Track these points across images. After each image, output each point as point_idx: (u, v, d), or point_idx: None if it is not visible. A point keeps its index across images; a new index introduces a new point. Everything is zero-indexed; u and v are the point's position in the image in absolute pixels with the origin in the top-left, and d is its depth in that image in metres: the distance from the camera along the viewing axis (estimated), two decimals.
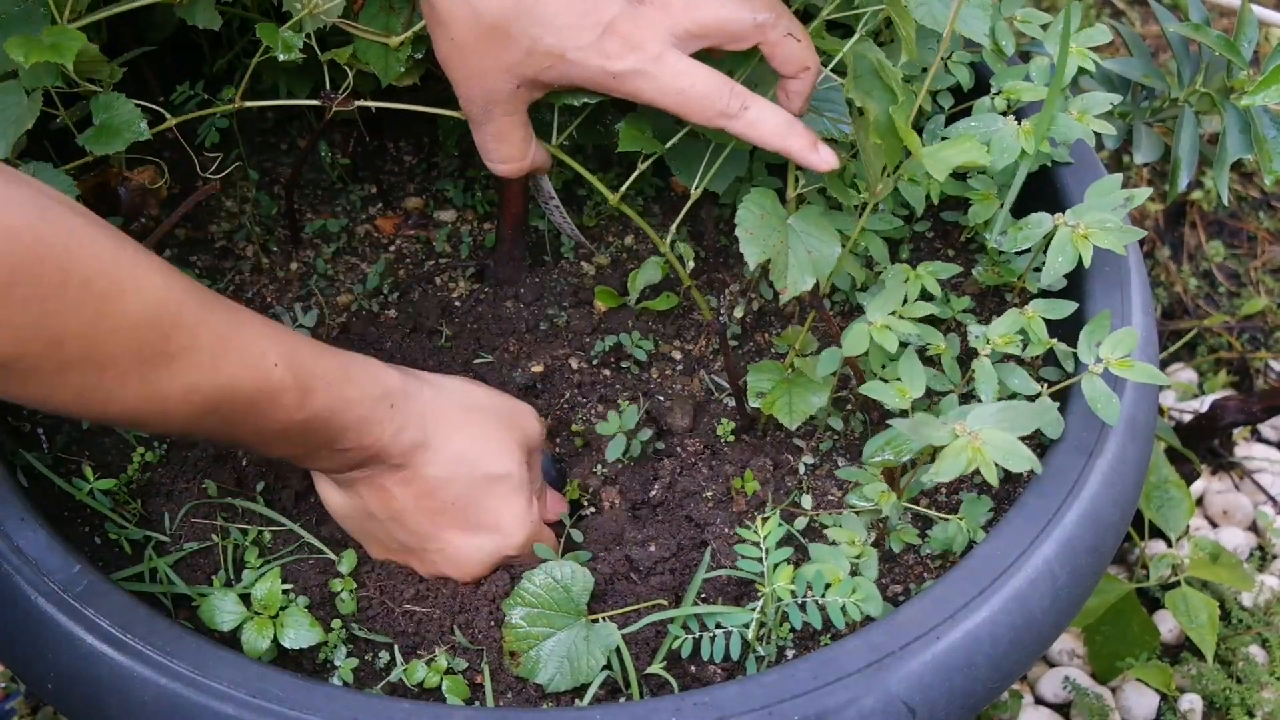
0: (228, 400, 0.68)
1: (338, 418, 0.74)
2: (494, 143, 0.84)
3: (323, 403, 0.73)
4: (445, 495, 0.80)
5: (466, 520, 0.82)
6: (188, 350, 0.65)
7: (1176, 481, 1.13)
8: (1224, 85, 0.97)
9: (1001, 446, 0.70)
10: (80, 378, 0.62)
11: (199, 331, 0.66)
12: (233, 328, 0.69)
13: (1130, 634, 1.09)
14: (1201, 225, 1.53)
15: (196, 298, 0.67)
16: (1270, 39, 1.04)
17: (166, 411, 0.66)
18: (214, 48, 1.04)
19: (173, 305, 0.65)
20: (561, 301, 1.01)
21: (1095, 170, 0.95)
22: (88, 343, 0.61)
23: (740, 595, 0.83)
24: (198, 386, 0.66)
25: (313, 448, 0.76)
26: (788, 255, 0.82)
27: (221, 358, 0.67)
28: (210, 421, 0.69)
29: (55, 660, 0.73)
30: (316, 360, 0.73)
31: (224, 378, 0.67)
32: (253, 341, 0.69)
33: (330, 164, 1.10)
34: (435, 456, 0.79)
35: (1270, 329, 1.44)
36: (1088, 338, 0.80)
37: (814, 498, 0.89)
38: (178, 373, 0.65)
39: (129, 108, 0.82)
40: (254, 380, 0.69)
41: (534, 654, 0.79)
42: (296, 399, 0.71)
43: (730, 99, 0.79)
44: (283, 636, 0.79)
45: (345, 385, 0.75)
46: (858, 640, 0.72)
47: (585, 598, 0.80)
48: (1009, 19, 0.95)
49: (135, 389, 0.64)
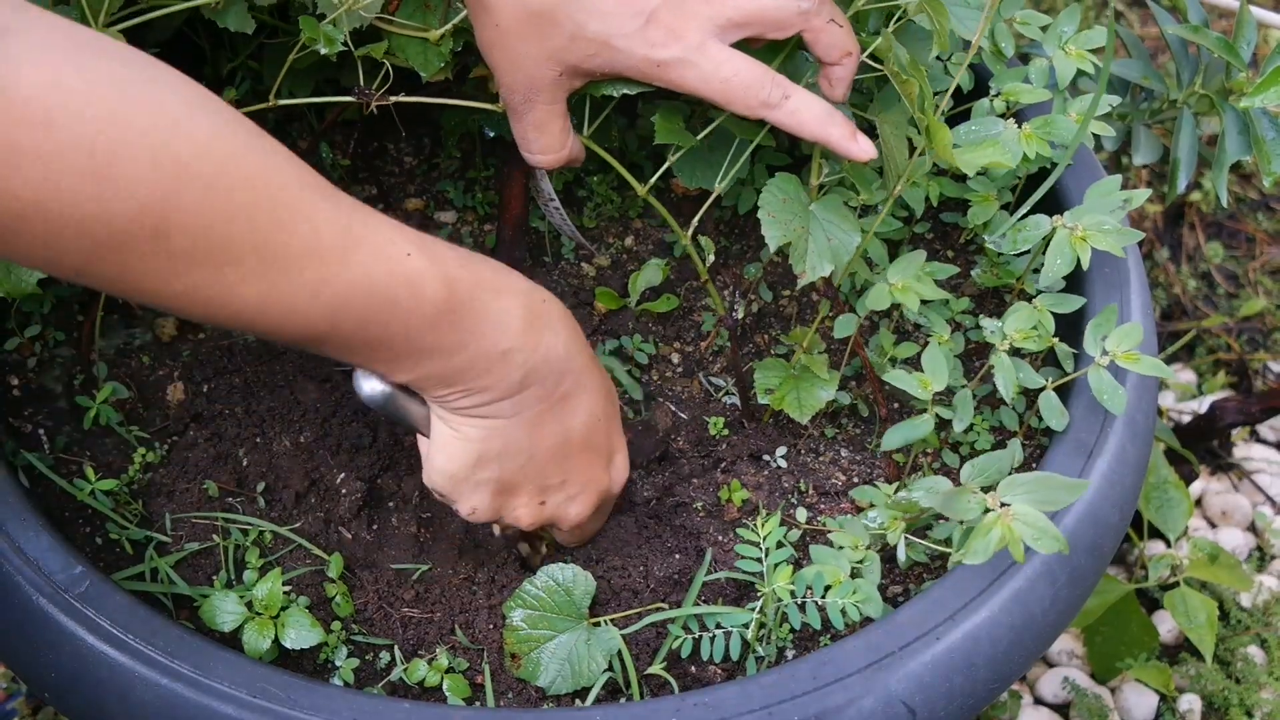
0: (361, 295, 0.63)
1: (489, 310, 0.69)
2: (534, 133, 0.83)
3: (470, 287, 0.68)
4: (591, 423, 0.77)
5: (600, 452, 0.80)
6: (310, 242, 0.61)
7: (1175, 482, 1.14)
8: (1223, 87, 0.98)
9: (1034, 526, 0.69)
10: (192, 271, 0.58)
11: (319, 220, 0.61)
12: (353, 216, 0.64)
13: (1129, 634, 1.09)
14: (1200, 227, 1.53)
15: (311, 180, 0.62)
16: (1269, 40, 1.04)
17: (292, 311, 0.61)
18: (215, 50, 1.04)
19: (287, 189, 0.60)
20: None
21: (1095, 172, 0.95)
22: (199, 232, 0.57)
23: (740, 597, 0.84)
24: (326, 281, 0.62)
25: (470, 353, 0.69)
26: (808, 240, 0.81)
27: (346, 248, 0.62)
28: (345, 322, 0.63)
29: (56, 660, 0.73)
30: (451, 249, 0.69)
31: (354, 271, 0.63)
32: (378, 230, 0.65)
33: (331, 165, 1.10)
34: (582, 379, 0.76)
35: (1269, 330, 1.44)
36: (1094, 331, 0.80)
37: (815, 493, 0.89)
38: (302, 267, 0.61)
39: None
40: (389, 270, 0.64)
41: (535, 656, 0.79)
42: (440, 288, 0.66)
43: (772, 89, 0.79)
44: (284, 637, 0.79)
45: (487, 269, 0.71)
46: (858, 641, 0.73)
47: (587, 601, 0.80)
48: (1008, 21, 0.96)
49: (255, 285, 0.60)
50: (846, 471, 0.91)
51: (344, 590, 0.84)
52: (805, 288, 1.02)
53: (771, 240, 0.80)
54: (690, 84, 0.78)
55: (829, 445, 0.93)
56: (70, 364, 0.95)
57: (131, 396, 0.93)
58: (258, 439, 0.92)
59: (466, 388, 0.71)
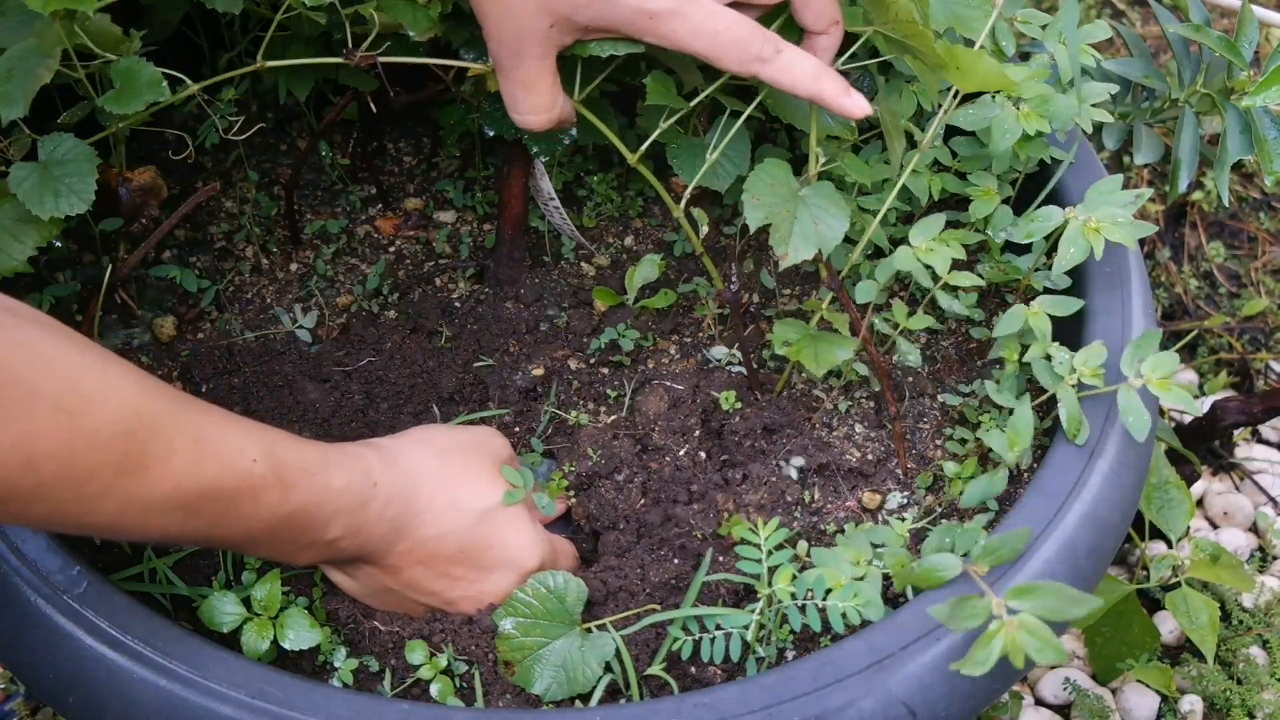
0: (210, 501, 0.67)
1: (323, 507, 0.73)
2: (522, 91, 0.82)
3: (305, 494, 0.72)
4: (450, 549, 0.80)
5: (479, 563, 0.81)
6: (165, 455, 0.64)
7: (1177, 483, 1.13)
8: (1224, 86, 0.97)
9: (1038, 638, 0.68)
10: (57, 494, 0.61)
11: (175, 435, 0.65)
12: (208, 428, 0.67)
13: (1131, 635, 1.09)
14: (1202, 226, 1.52)
15: (168, 400, 0.66)
16: (1270, 40, 1.03)
17: (147, 519, 0.65)
18: (214, 48, 1.04)
19: (146, 412, 0.64)
20: (561, 302, 1.01)
21: (1096, 171, 0.95)
22: (64, 461, 0.60)
23: (740, 598, 0.83)
24: (178, 490, 0.65)
25: (303, 544, 0.74)
26: (793, 223, 0.81)
27: (200, 459, 0.66)
28: (194, 525, 0.67)
29: (55, 661, 0.72)
30: (296, 452, 0.72)
31: (204, 479, 0.66)
32: (229, 439, 0.68)
33: (330, 165, 1.10)
34: (427, 517, 0.79)
35: (1271, 330, 1.43)
36: (1133, 353, 0.80)
37: (827, 481, 0.89)
38: (157, 479, 0.64)
39: (150, 70, 0.81)
40: (234, 479, 0.67)
41: (528, 664, 0.78)
42: (279, 494, 0.70)
43: (764, 43, 0.78)
44: (283, 638, 0.79)
45: (326, 473, 0.73)
46: (858, 641, 0.72)
47: (579, 607, 0.80)
48: (1009, 19, 0.95)
49: (115, 500, 0.63)
50: (861, 448, 0.91)
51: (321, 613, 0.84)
52: (808, 279, 1.02)
53: (752, 221, 0.80)
54: (681, 37, 0.78)
55: (843, 420, 0.92)
56: None
57: None
58: None
59: (309, 561, 0.77)
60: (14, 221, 0.82)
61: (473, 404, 0.96)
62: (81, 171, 0.80)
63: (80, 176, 0.80)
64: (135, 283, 1.00)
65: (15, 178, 0.79)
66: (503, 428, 0.94)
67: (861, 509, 0.88)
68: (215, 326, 1.00)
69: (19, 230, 0.82)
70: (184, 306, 1.01)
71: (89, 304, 0.93)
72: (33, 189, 0.79)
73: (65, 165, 0.80)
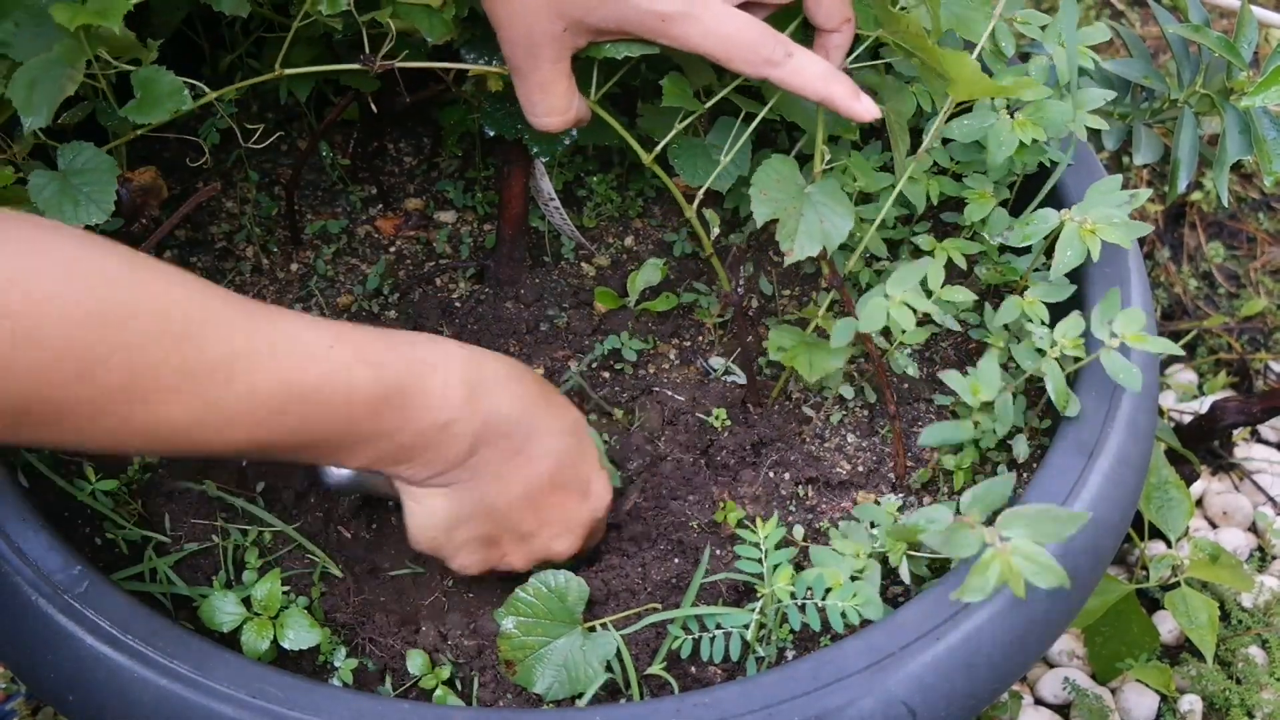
0: (294, 395, 0.65)
1: (421, 386, 0.71)
2: (538, 94, 0.82)
3: (398, 369, 0.69)
4: (554, 464, 0.78)
5: (572, 488, 0.80)
6: (231, 354, 0.63)
7: (1176, 482, 1.13)
8: (1224, 86, 0.97)
9: (1033, 561, 0.68)
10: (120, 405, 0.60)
11: (236, 332, 0.63)
12: (271, 322, 0.66)
13: (1130, 635, 1.09)
14: (1201, 226, 1.53)
15: (223, 298, 0.64)
16: (1270, 40, 1.04)
17: (228, 424, 0.63)
18: (215, 50, 1.04)
19: (199, 311, 0.62)
20: (561, 302, 1.01)
21: (1095, 171, 0.95)
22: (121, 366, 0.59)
23: (740, 597, 0.83)
24: (255, 388, 0.63)
25: (412, 430, 0.71)
26: (799, 220, 0.81)
27: (269, 353, 0.64)
28: (283, 424, 0.65)
29: (55, 661, 0.73)
30: (372, 334, 0.71)
31: (283, 372, 0.64)
32: (298, 330, 0.67)
33: (330, 165, 1.10)
34: (534, 425, 0.77)
35: (1270, 330, 1.44)
36: (1101, 315, 0.80)
37: (817, 492, 0.89)
38: (230, 378, 0.62)
39: (171, 78, 0.81)
40: (315, 367, 0.66)
41: (530, 663, 0.78)
42: (369, 373, 0.68)
43: (775, 46, 0.78)
44: (283, 637, 0.79)
45: (414, 345, 0.72)
46: (858, 641, 0.72)
47: (580, 606, 0.80)
48: (1009, 20, 0.95)
49: (183, 406, 0.62)
50: (852, 459, 0.91)
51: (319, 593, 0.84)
52: (810, 280, 1.02)
53: (759, 215, 0.80)
54: (694, 40, 0.78)
55: (835, 431, 0.93)
56: None
57: None
58: None
59: (417, 462, 0.73)
60: None
61: None
62: (101, 181, 0.80)
63: (100, 186, 0.80)
64: None
65: (35, 185, 0.79)
66: None
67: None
68: None
69: None
70: None
71: None
72: (52, 197, 0.79)
73: (85, 175, 0.80)
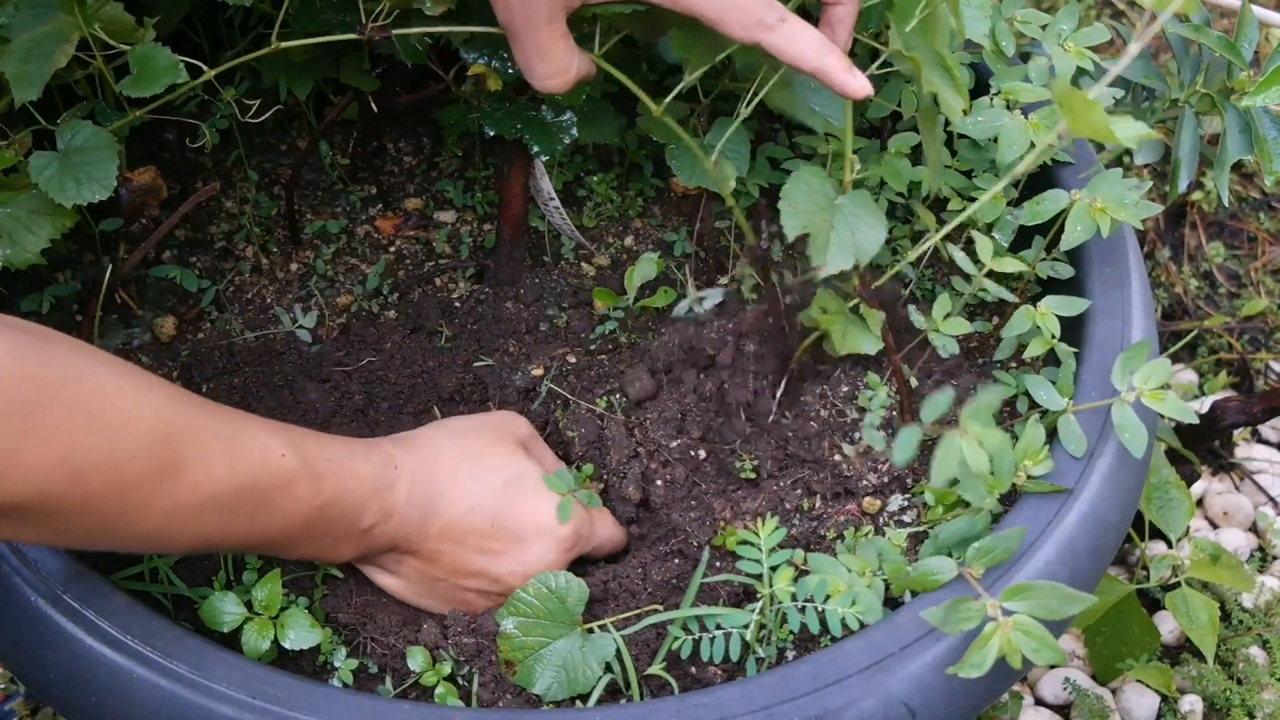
0: (246, 498, 0.70)
1: (353, 495, 0.76)
2: (536, 58, 0.80)
3: (336, 483, 0.75)
4: (481, 523, 0.82)
5: (514, 533, 0.83)
6: (201, 459, 0.67)
7: (1177, 482, 1.13)
8: (1224, 86, 0.97)
9: (1034, 638, 0.68)
10: (103, 506, 0.64)
11: (207, 439, 0.68)
12: (236, 429, 0.71)
13: (1130, 635, 1.09)
14: (1202, 226, 1.52)
15: (196, 407, 0.69)
16: (1270, 40, 1.03)
17: (190, 525, 0.68)
18: (215, 48, 1.04)
19: (178, 419, 0.67)
20: (561, 302, 1.01)
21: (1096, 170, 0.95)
22: (108, 472, 0.63)
23: (741, 599, 0.83)
24: (216, 491, 0.68)
25: (340, 535, 0.77)
26: (830, 232, 0.79)
27: (233, 459, 0.69)
28: (235, 527, 0.70)
29: (55, 661, 0.73)
30: (320, 446, 0.76)
31: (240, 476, 0.69)
32: (257, 437, 0.71)
33: (330, 165, 1.10)
34: (453, 494, 0.81)
35: (1271, 330, 1.43)
36: (1123, 365, 0.79)
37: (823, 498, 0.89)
38: (196, 481, 0.67)
39: (167, 55, 0.82)
40: (266, 474, 0.71)
41: (529, 663, 0.78)
42: (310, 486, 0.73)
43: (769, 10, 0.77)
44: (283, 638, 0.79)
45: (353, 463, 0.77)
46: (858, 642, 0.72)
47: (580, 608, 0.80)
48: (1009, 20, 0.95)
49: (158, 506, 0.66)
50: (857, 465, 0.90)
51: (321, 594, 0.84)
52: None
53: (790, 230, 0.78)
54: (692, 8, 0.77)
55: (844, 434, 0.92)
56: None
57: None
58: None
59: (348, 556, 0.80)
60: (28, 214, 0.82)
61: (473, 404, 0.96)
62: (102, 159, 0.80)
63: (100, 164, 0.80)
64: (135, 283, 1.00)
65: (35, 166, 0.79)
66: None
67: (862, 513, 0.88)
68: (215, 326, 1.00)
69: (33, 222, 0.83)
70: (184, 306, 1.01)
71: (89, 304, 0.93)
72: (53, 177, 0.79)
73: (85, 153, 0.80)
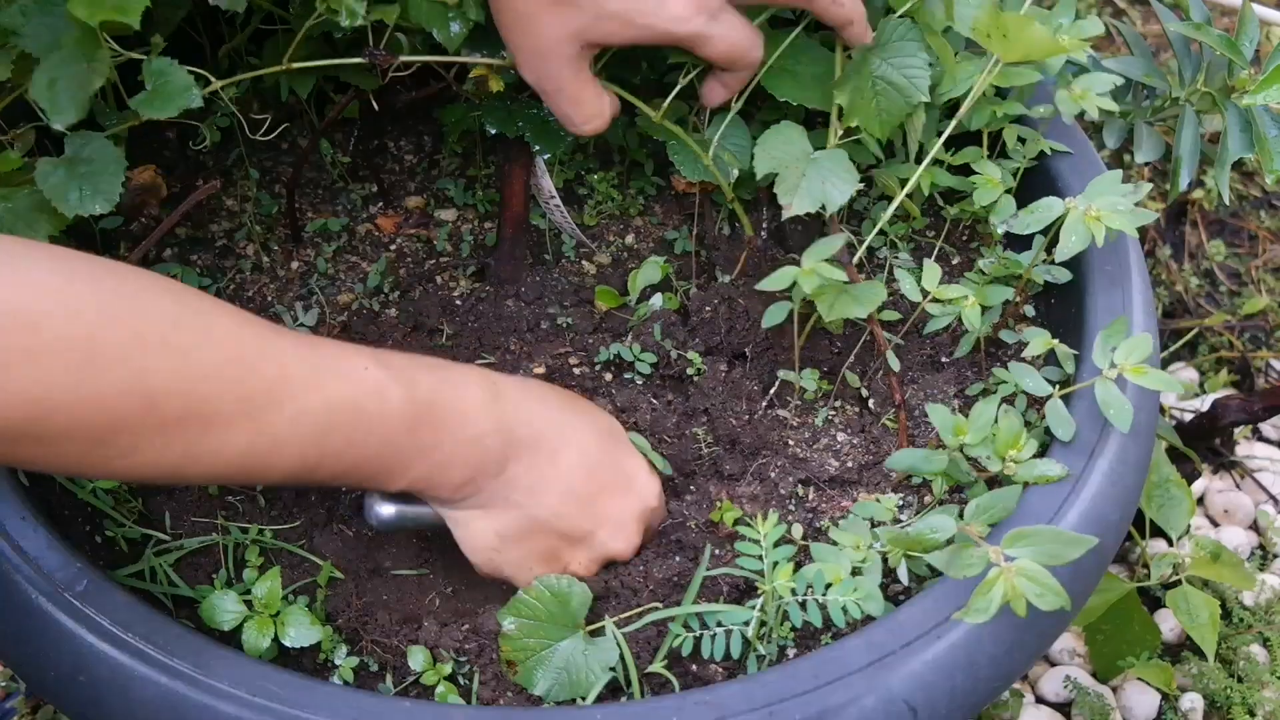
0: (337, 415, 0.68)
1: (453, 395, 0.74)
2: (571, 108, 0.85)
3: (430, 385, 0.73)
4: (589, 464, 0.80)
5: (614, 484, 0.82)
6: (281, 379, 0.66)
7: (1177, 481, 1.13)
8: (1225, 84, 0.97)
9: (1038, 583, 0.68)
10: (184, 434, 0.62)
11: (284, 359, 0.66)
12: (311, 346, 0.69)
13: (1131, 633, 1.09)
14: (1202, 224, 1.53)
15: (268, 328, 0.68)
16: (1271, 38, 1.03)
17: (279, 447, 0.66)
18: (215, 48, 1.04)
19: (251, 341, 0.65)
20: (563, 301, 1.01)
21: (1095, 167, 0.95)
22: (184, 395, 0.61)
23: (741, 595, 0.83)
24: (304, 410, 0.66)
25: (449, 445, 0.74)
26: (801, 179, 0.83)
27: (314, 377, 0.67)
28: (331, 443, 0.68)
29: (55, 659, 0.73)
30: (404, 357, 0.74)
31: (327, 393, 0.67)
32: (337, 355, 0.70)
33: (331, 163, 1.10)
34: (558, 426, 0.80)
35: (1271, 328, 1.43)
36: (1103, 342, 0.79)
37: (818, 491, 0.89)
38: (278, 399, 0.65)
39: (182, 74, 0.81)
40: (355, 387, 0.69)
41: (531, 664, 0.78)
42: (403, 391, 0.71)
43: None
44: (284, 636, 0.79)
45: (444, 369, 0.75)
46: (859, 639, 0.72)
47: (584, 611, 0.79)
48: None
49: (242, 430, 0.64)
50: (846, 458, 0.90)
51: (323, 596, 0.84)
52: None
53: (760, 168, 0.83)
54: (704, 55, 0.84)
55: (824, 431, 0.92)
56: None
57: None
58: None
59: (453, 481, 0.76)
60: (29, 210, 0.82)
61: None
62: (109, 172, 0.80)
63: (107, 177, 0.79)
64: None
65: (41, 172, 0.79)
66: None
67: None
68: None
69: (33, 219, 0.82)
70: None
71: None
72: (58, 185, 0.79)
73: (92, 164, 0.80)
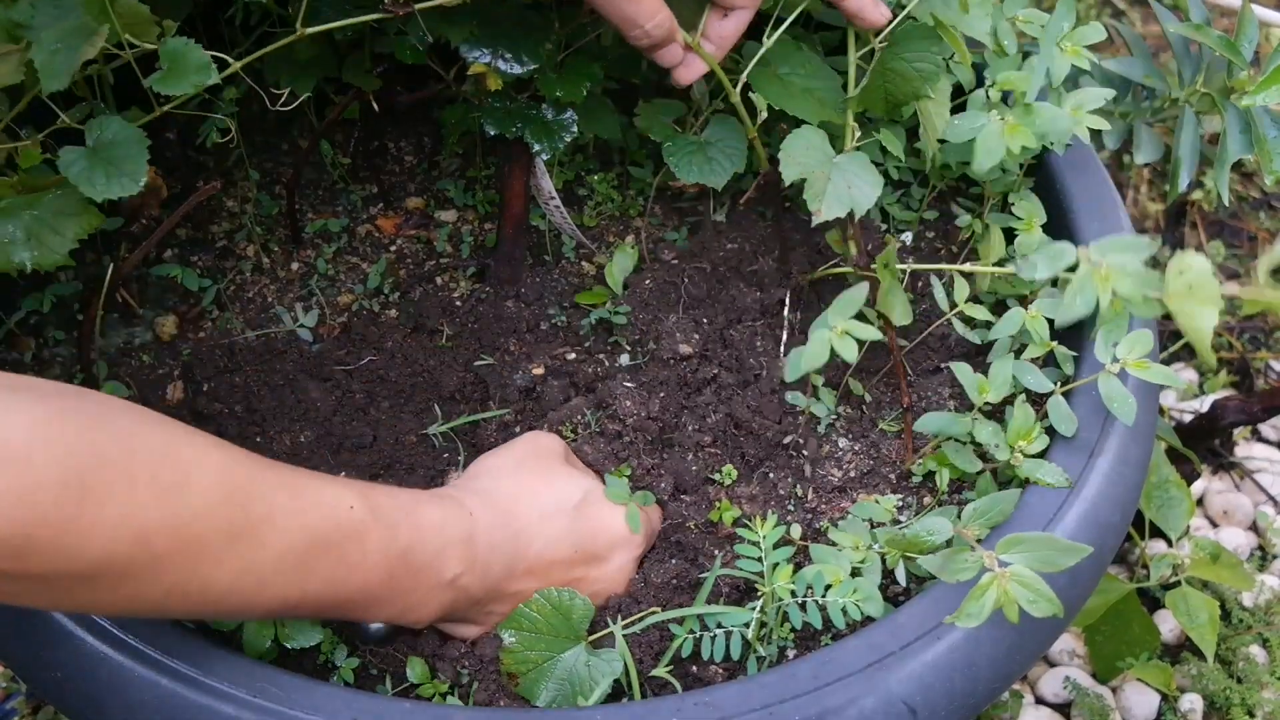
0: (319, 553, 0.68)
1: (429, 543, 0.74)
2: (631, 7, 0.82)
3: (410, 531, 0.73)
4: (565, 552, 0.81)
5: (595, 554, 0.82)
6: (267, 515, 0.66)
7: (1177, 481, 1.13)
8: (1225, 85, 0.97)
9: (1030, 589, 0.68)
10: (174, 568, 0.62)
11: (270, 493, 0.66)
12: (300, 483, 0.69)
13: (1131, 634, 1.09)
14: (1202, 225, 1.53)
15: (258, 463, 0.67)
16: (1270, 39, 1.04)
17: (264, 584, 0.66)
18: (214, 46, 1.04)
19: (240, 475, 0.65)
20: (562, 301, 1.01)
21: (1096, 170, 0.95)
22: (174, 532, 0.61)
23: (742, 596, 0.83)
24: (287, 547, 0.66)
25: (425, 589, 0.74)
26: (827, 183, 0.83)
27: (301, 512, 0.67)
28: (312, 586, 0.68)
29: (56, 660, 0.73)
30: (386, 494, 0.74)
31: (309, 530, 0.67)
32: (323, 490, 0.70)
33: (331, 164, 1.10)
34: (532, 532, 0.80)
35: (1271, 329, 1.43)
36: (1105, 337, 0.79)
37: (815, 494, 0.89)
38: (265, 538, 0.65)
39: (198, 52, 0.81)
40: (336, 526, 0.69)
41: (533, 676, 0.78)
42: (384, 535, 0.71)
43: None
44: (284, 637, 0.79)
45: (423, 508, 0.75)
46: (858, 640, 0.72)
47: (585, 624, 0.79)
48: (1011, 19, 0.95)
49: (230, 566, 0.64)
50: (847, 463, 0.90)
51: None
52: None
53: (788, 175, 0.82)
54: None
55: (825, 438, 0.92)
56: (70, 363, 0.95)
57: (132, 395, 0.93)
58: (258, 438, 0.92)
59: (432, 615, 0.76)
60: (53, 215, 0.82)
61: (473, 403, 0.96)
62: (132, 153, 0.79)
63: (131, 158, 0.79)
64: (136, 282, 1.00)
65: (65, 161, 0.78)
66: (503, 427, 0.94)
67: None
68: (216, 325, 1.00)
69: (59, 223, 0.82)
70: (185, 305, 1.01)
71: (90, 303, 0.93)
72: (83, 171, 0.78)
73: (115, 147, 0.79)
